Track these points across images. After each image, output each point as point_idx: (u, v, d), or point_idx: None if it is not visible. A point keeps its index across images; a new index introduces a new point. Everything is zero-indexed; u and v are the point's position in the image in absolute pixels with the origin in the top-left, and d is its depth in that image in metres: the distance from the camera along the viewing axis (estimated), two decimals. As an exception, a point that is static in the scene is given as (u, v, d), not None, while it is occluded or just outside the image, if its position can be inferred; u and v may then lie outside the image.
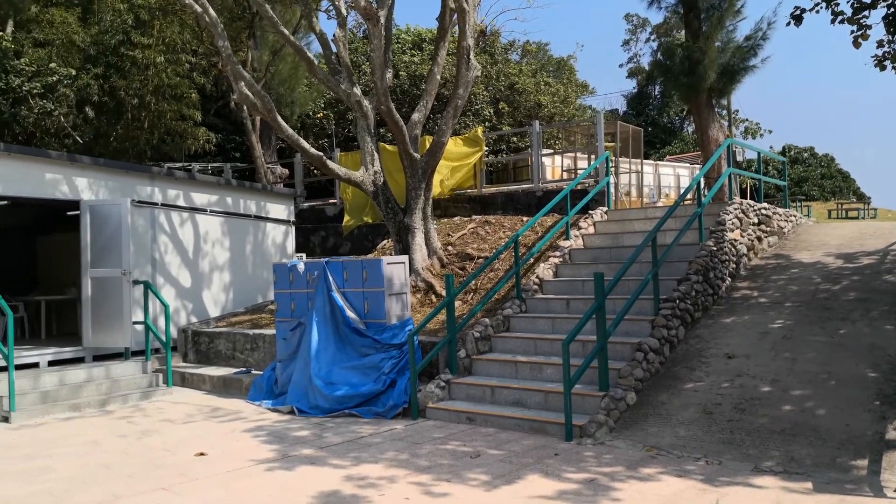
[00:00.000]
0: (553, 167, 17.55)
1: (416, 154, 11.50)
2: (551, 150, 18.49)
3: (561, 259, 10.79)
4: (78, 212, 10.90)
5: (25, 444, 7.73)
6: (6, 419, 8.85)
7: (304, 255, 13.97)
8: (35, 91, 15.91)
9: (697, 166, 21.21)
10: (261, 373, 10.18)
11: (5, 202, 9.90)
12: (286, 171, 19.55)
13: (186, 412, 9.16)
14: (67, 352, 10.65)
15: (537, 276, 10.33)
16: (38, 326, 13.02)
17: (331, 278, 9.36)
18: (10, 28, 16.80)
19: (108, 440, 7.80)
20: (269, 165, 18.92)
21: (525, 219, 12.88)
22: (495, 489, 5.71)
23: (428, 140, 13.04)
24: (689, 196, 11.49)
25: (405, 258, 9.88)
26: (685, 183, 19.91)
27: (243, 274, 13.38)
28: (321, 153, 11.61)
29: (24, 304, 12.82)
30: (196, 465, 6.68)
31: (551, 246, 11.24)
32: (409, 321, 9.27)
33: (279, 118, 11.17)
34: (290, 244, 14.30)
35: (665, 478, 5.78)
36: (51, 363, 10.36)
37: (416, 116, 11.90)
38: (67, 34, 16.76)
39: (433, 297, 10.96)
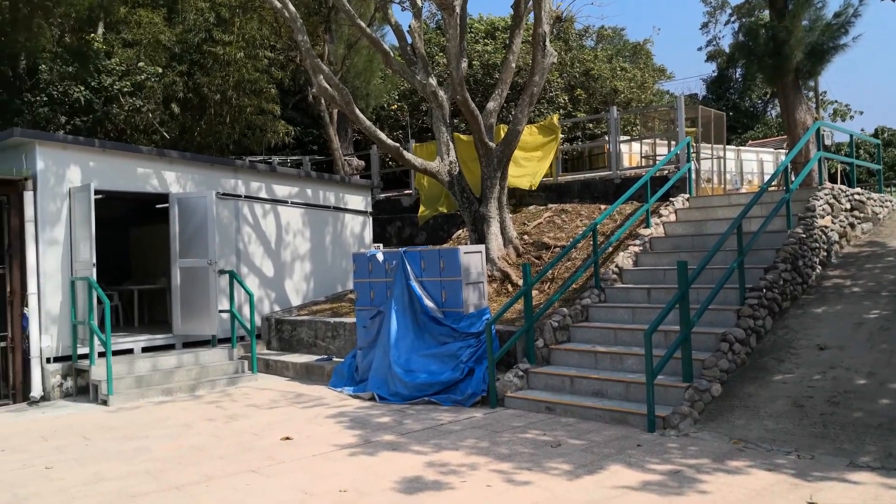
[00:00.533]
0: (630, 154, 17.19)
1: (491, 143, 11.47)
2: (628, 137, 18.11)
3: (641, 248, 10.59)
4: (167, 204, 11.35)
5: (123, 426, 8.12)
6: (105, 402, 9.33)
7: (381, 245, 14.16)
8: (125, 89, 16.63)
9: (782, 151, 20.43)
10: (342, 360, 10.39)
11: (100, 196, 10.39)
12: (362, 163, 19.85)
13: (271, 398, 9.44)
14: (159, 339, 11.13)
15: (616, 265, 10.17)
16: (132, 314, 13.66)
17: (409, 267, 9.46)
18: (100, 30, 17.60)
19: (199, 423, 8.12)
20: (346, 157, 19.23)
21: (603, 207, 12.68)
22: (577, 479, 5.66)
23: (503, 129, 12.98)
24: (774, 182, 11.07)
25: (482, 247, 9.88)
26: (769, 169, 19.19)
27: (323, 264, 13.67)
28: (397, 144, 11.72)
29: (119, 293, 13.47)
30: (282, 449, 6.88)
31: (631, 234, 11.03)
32: (487, 310, 9.28)
33: (357, 110, 11.33)
34: (368, 234, 14.52)
35: (754, 471, 5.62)
36: (144, 349, 10.85)
37: (490, 105, 11.86)
38: (154, 34, 17.41)
39: (509, 286, 10.94)
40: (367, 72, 21.12)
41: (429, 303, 9.27)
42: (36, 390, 9.68)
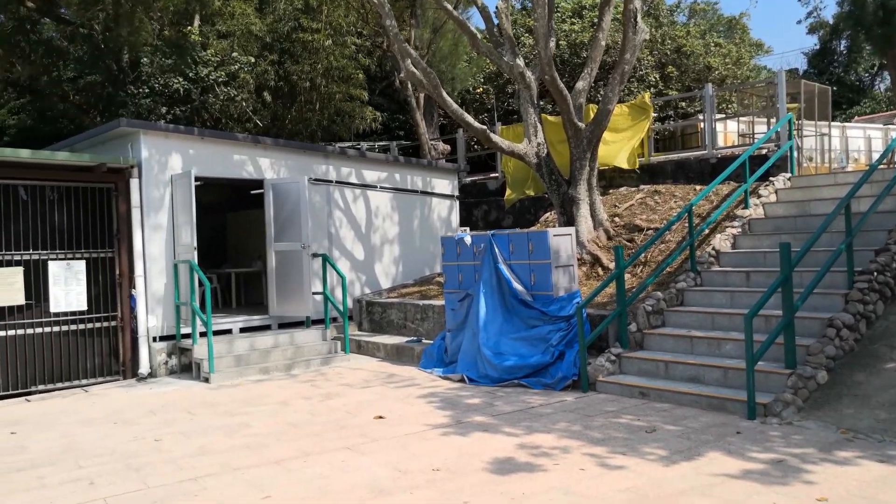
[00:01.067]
0: (725, 133, 16.54)
1: (580, 123, 11.26)
2: (723, 115, 17.41)
3: (739, 229, 10.19)
4: (261, 190, 11.70)
5: (224, 403, 8.47)
6: (207, 379, 9.75)
7: (467, 228, 14.19)
8: (220, 79, 17.20)
9: (892, 127, 19.19)
10: (431, 342, 10.49)
11: (199, 182, 10.81)
12: (448, 148, 19.89)
13: (363, 378, 9.64)
14: (256, 320, 11.53)
15: (713, 248, 9.83)
16: (229, 296, 14.21)
17: (497, 250, 9.43)
18: (196, 22, 18.25)
19: (296, 401, 8.37)
20: (432, 142, 19.31)
21: (698, 188, 12.26)
22: (674, 464, 5.53)
23: (592, 109, 12.72)
24: (885, 159, 10.41)
25: (572, 230, 9.74)
26: (877, 146, 18.08)
27: (411, 247, 13.82)
28: (484, 127, 11.66)
29: (217, 276, 14.03)
30: (376, 427, 7.02)
31: (728, 216, 10.63)
32: (577, 293, 9.16)
33: (444, 93, 11.34)
34: (455, 218, 14.57)
35: (864, 462, 5.34)
36: (241, 330, 11.27)
37: (580, 85, 11.63)
38: (246, 24, 17.93)
39: (599, 269, 10.75)
40: (453, 55, 21.09)
41: (517, 286, 9.22)
42: (143, 367, 10.21)
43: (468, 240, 9.88)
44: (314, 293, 11.41)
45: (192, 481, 5.60)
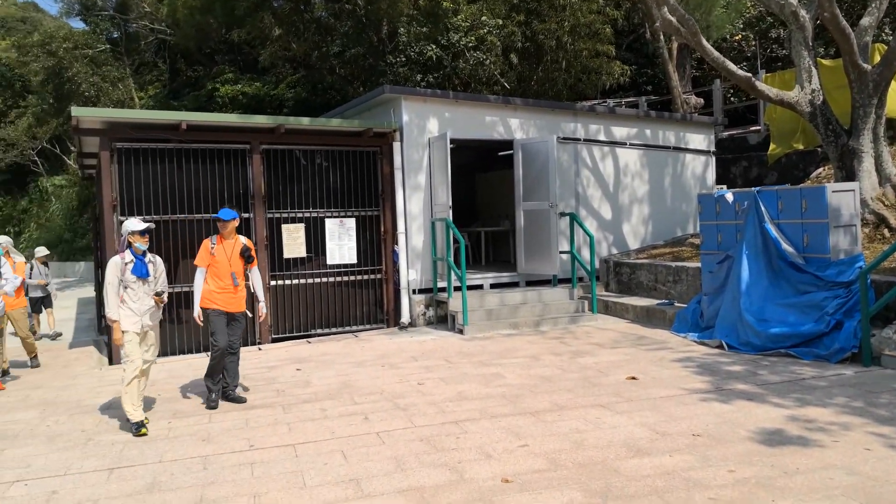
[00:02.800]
0: None
1: (865, 65, 9.92)
2: None
3: None
4: (509, 151, 11.89)
5: (478, 353, 8.84)
6: (461, 331, 10.25)
7: (724, 186, 13.27)
8: (470, 44, 17.68)
9: None
10: (684, 305, 10.04)
11: (453, 145, 11.24)
12: (701, 101, 18.69)
13: (612, 338, 9.51)
14: (504, 276, 11.85)
15: None
16: (479, 254, 14.74)
17: (763, 208, 8.69)
18: (449, -13, 18.85)
19: (545, 357, 8.49)
20: (685, 95, 18.24)
21: None
22: None
23: (879, 49, 11.15)
24: None
25: (854, 185, 8.66)
26: None
27: (662, 206, 13.27)
28: (749, 74, 10.73)
29: (467, 234, 14.60)
30: (628, 388, 6.89)
31: None
32: (860, 257, 8.15)
33: (703, 41, 10.62)
34: (710, 175, 13.70)
35: None
36: (491, 286, 11.64)
37: (865, 21, 10.23)
38: (495, -14, 18.15)
39: (885, 231, 9.51)
40: (708, 2, 19.60)
41: (787, 247, 8.44)
42: (404, 317, 10.98)
43: (730, 197, 9.22)
44: (561, 252, 11.42)
45: (454, 424, 5.92)
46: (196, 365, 8.96)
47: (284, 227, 10.49)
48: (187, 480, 4.88)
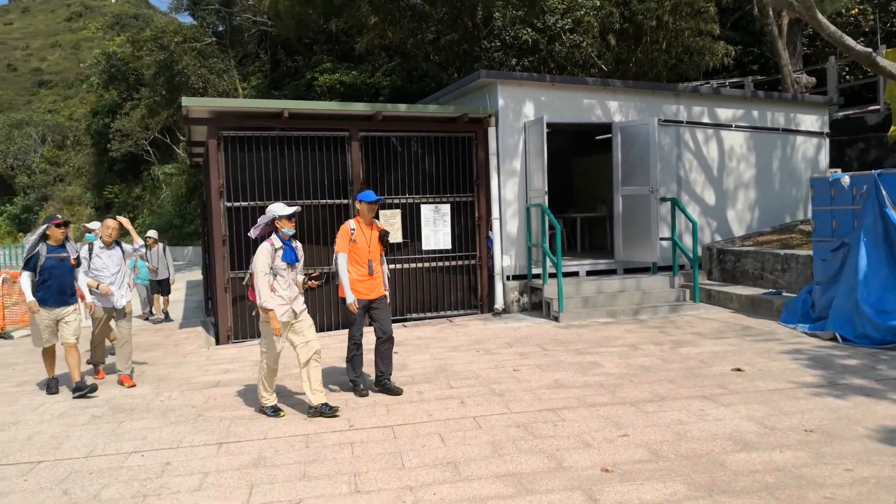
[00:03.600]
0: None
1: None
2: None
3: None
4: (606, 135, 11.60)
5: (574, 341, 8.71)
6: (556, 318, 10.13)
7: (839, 170, 12.50)
8: (566, 27, 17.36)
9: None
10: (793, 295, 9.56)
11: (548, 129, 11.06)
12: (812, 80, 17.65)
13: (715, 328, 9.16)
14: (601, 264, 11.61)
15: None
16: (574, 240, 14.52)
17: (884, 193, 8.13)
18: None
19: (645, 346, 8.28)
20: (796, 74, 17.29)
21: None
22: None
23: None
24: None
25: None
26: None
27: (769, 191, 12.65)
28: (869, 50, 10.04)
29: (563, 220, 14.40)
30: (733, 379, 6.62)
31: None
32: None
33: (819, 14, 10.01)
34: (823, 158, 12.95)
35: None
36: (587, 273, 11.44)
37: None
38: (593, -34, 17.71)
39: None
40: (822, -26, 18.48)
41: (910, 234, 7.88)
42: (498, 303, 10.95)
43: (846, 181, 8.68)
44: (661, 239, 11.08)
45: (551, 412, 5.85)
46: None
47: (381, 213, 10.63)
48: (291, 457, 5.04)
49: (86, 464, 5.10)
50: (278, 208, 6.06)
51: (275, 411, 6.11)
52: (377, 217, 6.01)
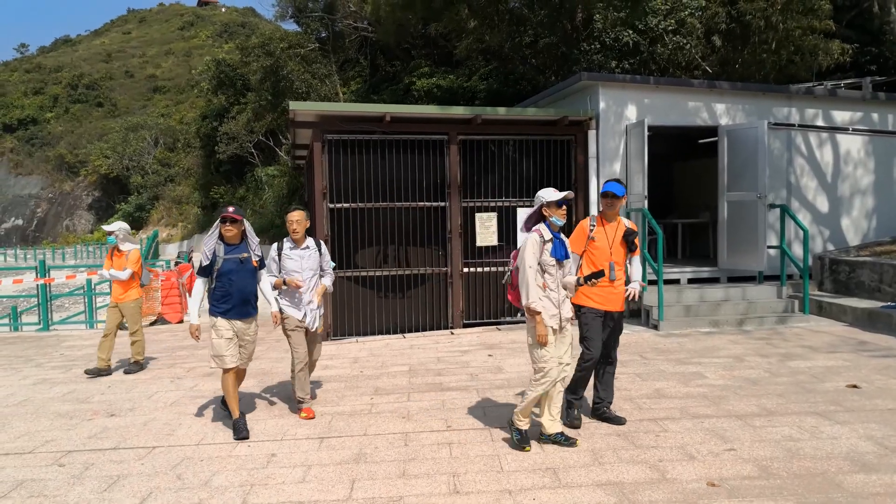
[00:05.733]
0: None
1: None
2: None
3: None
4: (711, 139, 11.22)
5: (675, 350, 8.46)
6: (655, 327, 9.87)
7: (968, 176, 11.65)
8: (669, 28, 16.91)
9: None
10: (916, 309, 8.96)
11: (650, 132, 10.79)
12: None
13: (828, 341, 8.70)
14: (704, 271, 11.23)
15: None
16: (674, 247, 14.11)
17: None
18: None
19: (751, 357, 7.95)
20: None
21: None
22: None
23: None
24: None
25: None
26: None
27: (889, 199, 11.92)
28: None
29: (663, 226, 14.01)
30: (849, 396, 6.27)
31: None
32: None
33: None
34: (951, 164, 12.09)
35: None
36: (689, 280, 11.08)
37: None
38: (699, -34, 17.20)
39: None
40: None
41: None
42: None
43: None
44: (769, 247, 10.62)
45: (652, 421, 5.71)
46: (393, 345, 9.41)
47: (478, 215, 10.67)
48: (390, 454, 5.12)
49: (197, 451, 5.35)
50: (547, 193, 5.16)
51: (521, 440, 5.17)
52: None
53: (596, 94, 10.80)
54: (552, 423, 5.21)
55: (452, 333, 10.22)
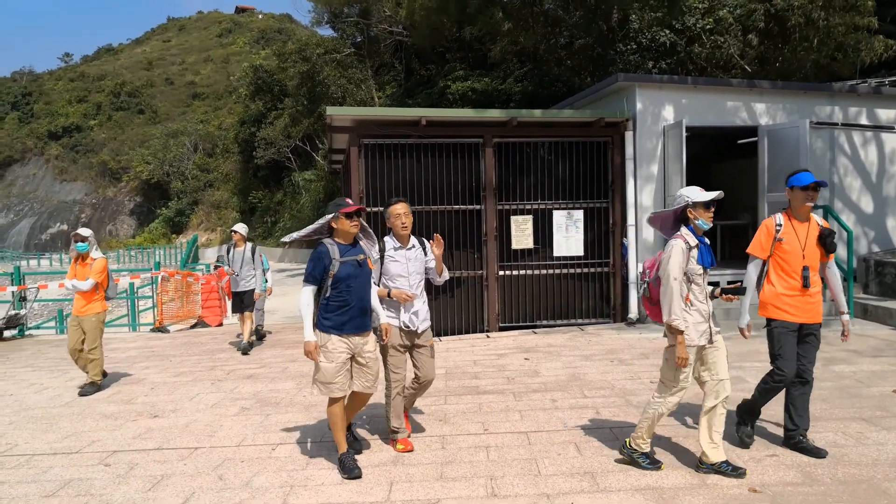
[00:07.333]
0: None
1: None
2: None
3: None
4: (751, 139, 11.05)
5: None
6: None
7: None
8: (707, 27, 16.70)
9: None
10: (966, 312, 8.70)
11: (688, 133, 10.65)
12: None
13: (873, 345, 8.51)
14: (744, 274, 11.02)
15: None
16: (715, 249, 13.91)
17: None
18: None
19: (793, 362, 7.79)
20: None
21: None
22: None
23: None
24: None
25: None
26: None
27: (936, 199, 11.61)
28: None
29: (701, 228, 13.82)
30: (894, 402, 6.11)
31: None
32: None
33: None
34: None
35: None
36: (729, 283, 10.90)
37: None
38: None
39: None
40: None
41: None
42: (632, 312, 10.68)
43: None
44: (811, 249, 10.40)
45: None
46: (437, 347, 9.42)
47: (513, 218, 10.66)
48: (427, 457, 5.14)
49: (237, 452, 5.44)
50: (693, 192, 4.57)
51: (652, 462, 4.75)
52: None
53: (632, 94, 10.71)
54: (715, 449, 4.59)
55: (488, 336, 10.22)
